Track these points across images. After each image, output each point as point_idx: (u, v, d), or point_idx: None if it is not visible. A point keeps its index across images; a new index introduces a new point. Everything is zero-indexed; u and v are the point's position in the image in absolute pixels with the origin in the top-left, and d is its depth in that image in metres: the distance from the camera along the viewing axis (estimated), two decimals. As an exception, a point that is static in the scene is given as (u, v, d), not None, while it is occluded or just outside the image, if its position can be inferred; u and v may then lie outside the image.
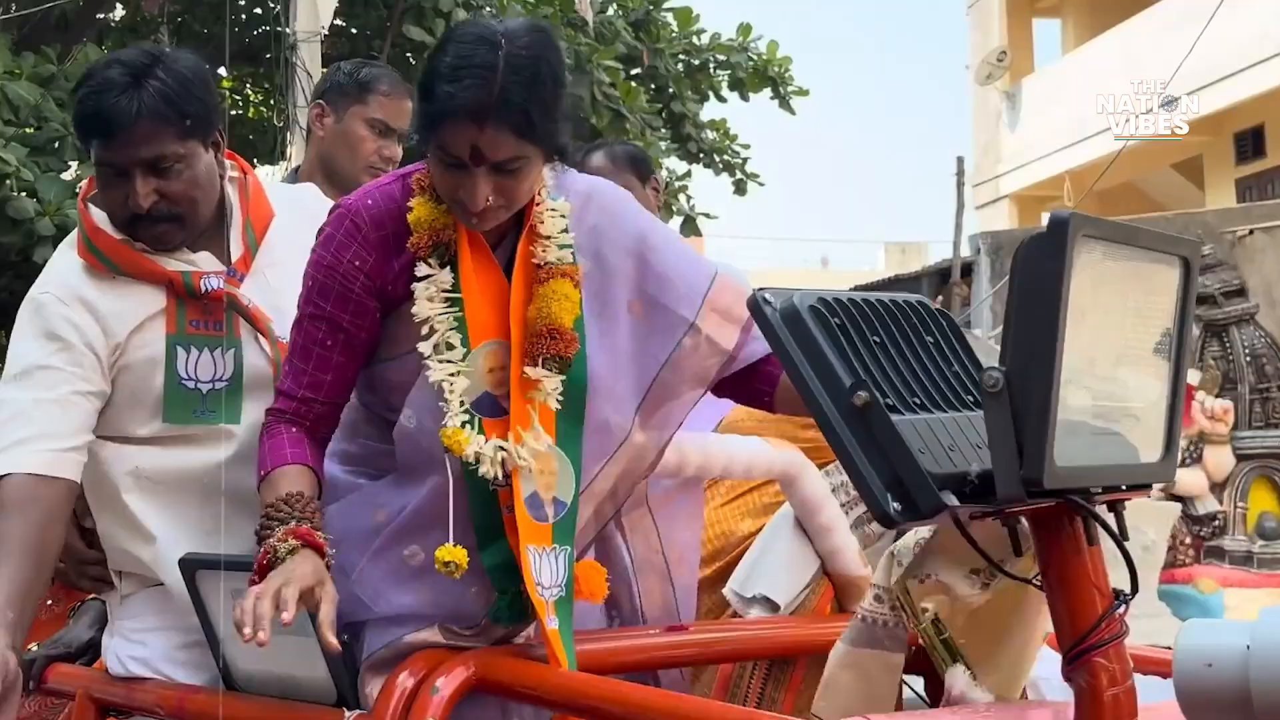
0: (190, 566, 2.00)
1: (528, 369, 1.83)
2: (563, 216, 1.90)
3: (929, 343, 1.34)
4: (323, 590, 1.69)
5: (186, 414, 2.06)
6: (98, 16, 9.40)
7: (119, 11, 10.00)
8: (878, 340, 1.29)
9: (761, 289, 1.33)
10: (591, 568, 1.91)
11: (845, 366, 1.24)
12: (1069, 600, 1.27)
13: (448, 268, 1.85)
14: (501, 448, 1.80)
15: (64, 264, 2.11)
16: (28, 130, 7.13)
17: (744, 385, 2.02)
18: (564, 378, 1.84)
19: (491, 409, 1.83)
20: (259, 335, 2.11)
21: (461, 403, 1.80)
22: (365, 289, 1.86)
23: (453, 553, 1.76)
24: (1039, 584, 1.29)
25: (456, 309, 1.84)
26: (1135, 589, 1.28)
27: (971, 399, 1.31)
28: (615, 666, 2.00)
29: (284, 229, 2.18)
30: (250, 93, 10.91)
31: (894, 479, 1.20)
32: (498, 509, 1.83)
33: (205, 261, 2.12)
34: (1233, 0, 10.90)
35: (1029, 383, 1.14)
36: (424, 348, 1.82)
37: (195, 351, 2.08)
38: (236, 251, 2.14)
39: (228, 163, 2.18)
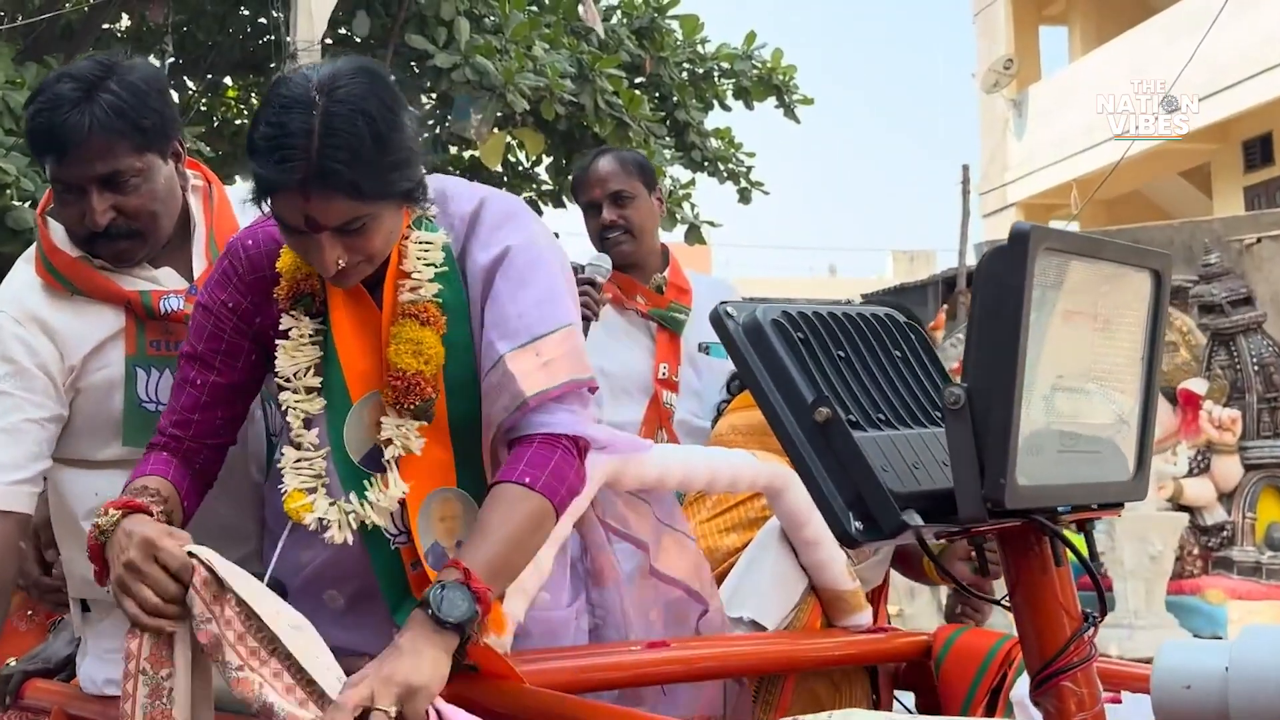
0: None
1: (383, 419, 1.75)
2: (441, 249, 1.79)
3: (896, 357, 1.31)
4: (166, 542, 1.60)
5: (147, 436, 1.97)
6: (102, 26, 9.41)
7: (124, 21, 10.01)
8: (842, 354, 1.26)
9: (724, 302, 1.31)
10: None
11: (807, 381, 1.22)
12: (1036, 622, 1.24)
13: (319, 318, 1.77)
14: (352, 509, 1.73)
15: (21, 281, 2.07)
16: (29, 139, 7.13)
17: None
18: (422, 422, 1.74)
19: (379, 464, 1.77)
20: None
21: (314, 467, 1.75)
22: (237, 331, 1.81)
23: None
24: (1007, 605, 1.26)
25: (324, 362, 1.76)
26: (1105, 611, 1.25)
27: (939, 415, 1.28)
28: (594, 684, 1.97)
29: None
30: (255, 101, 10.93)
31: (856, 497, 1.17)
32: (402, 569, 1.77)
33: (167, 277, 2.07)
34: (1240, 7, 10.88)
35: (990, 400, 1.11)
36: (284, 400, 1.77)
37: (156, 373, 2.02)
38: (200, 266, 2.07)
39: (191, 173, 2.12)
